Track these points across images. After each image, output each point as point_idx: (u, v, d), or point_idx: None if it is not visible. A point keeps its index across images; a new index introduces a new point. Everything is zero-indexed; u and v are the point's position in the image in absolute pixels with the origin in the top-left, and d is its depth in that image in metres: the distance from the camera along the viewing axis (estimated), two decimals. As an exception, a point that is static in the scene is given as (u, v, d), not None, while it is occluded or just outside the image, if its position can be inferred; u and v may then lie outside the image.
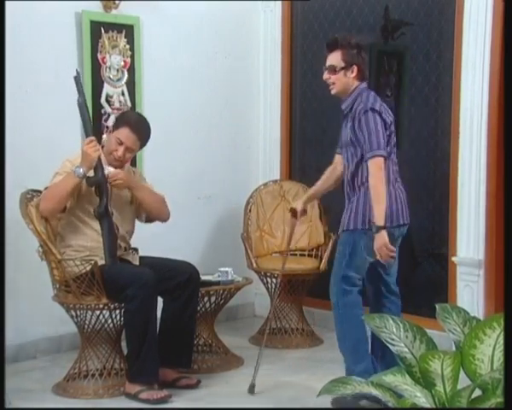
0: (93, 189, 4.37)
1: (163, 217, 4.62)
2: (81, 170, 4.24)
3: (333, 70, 4.18)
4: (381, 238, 4.02)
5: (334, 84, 4.20)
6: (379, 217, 4.01)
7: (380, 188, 4.03)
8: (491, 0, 4.82)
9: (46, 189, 4.38)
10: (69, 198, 4.32)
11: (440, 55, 5.32)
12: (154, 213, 4.59)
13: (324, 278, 5.48)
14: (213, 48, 5.87)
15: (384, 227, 4.02)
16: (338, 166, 4.42)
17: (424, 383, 2.31)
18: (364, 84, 4.23)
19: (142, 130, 4.47)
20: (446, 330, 2.48)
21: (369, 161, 4.05)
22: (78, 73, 4.37)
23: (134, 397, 4.28)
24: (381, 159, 4.04)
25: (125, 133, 4.40)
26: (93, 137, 4.31)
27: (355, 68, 4.17)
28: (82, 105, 4.36)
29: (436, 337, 2.46)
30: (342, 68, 4.17)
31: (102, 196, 4.34)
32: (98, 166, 4.32)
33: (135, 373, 4.31)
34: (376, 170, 4.03)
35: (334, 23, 5.83)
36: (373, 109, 4.08)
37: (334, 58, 4.18)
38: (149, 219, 4.64)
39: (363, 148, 4.09)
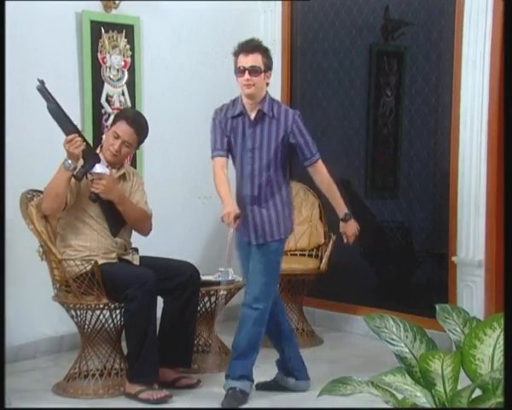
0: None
1: (142, 232, 4.57)
2: (69, 161, 4.24)
3: (257, 71, 4.15)
4: (355, 225, 4.37)
5: (253, 85, 4.16)
6: (345, 206, 4.35)
7: (334, 183, 4.33)
8: (491, 0, 4.82)
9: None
10: (66, 193, 4.30)
11: (440, 55, 5.33)
12: (133, 227, 4.56)
13: (324, 278, 5.50)
14: (213, 48, 5.87)
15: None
16: (224, 168, 4.35)
17: (424, 383, 2.31)
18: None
19: (138, 124, 4.46)
20: (446, 331, 2.48)
21: (317, 164, 4.28)
22: (41, 82, 4.24)
23: (134, 397, 4.28)
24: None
25: (121, 127, 4.40)
26: (72, 135, 4.23)
27: (269, 74, 4.23)
28: (53, 110, 4.26)
29: (436, 337, 2.47)
30: (264, 71, 4.18)
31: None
32: (88, 158, 4.30)
33: (135, 373, 4.31)
34: (325, 170, 4.30)
35: (334, 23, 5.83)
36: (299, 114, 4.27)
37: (256, 60, 4.16)
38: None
39: (300, 152, 4.23)
